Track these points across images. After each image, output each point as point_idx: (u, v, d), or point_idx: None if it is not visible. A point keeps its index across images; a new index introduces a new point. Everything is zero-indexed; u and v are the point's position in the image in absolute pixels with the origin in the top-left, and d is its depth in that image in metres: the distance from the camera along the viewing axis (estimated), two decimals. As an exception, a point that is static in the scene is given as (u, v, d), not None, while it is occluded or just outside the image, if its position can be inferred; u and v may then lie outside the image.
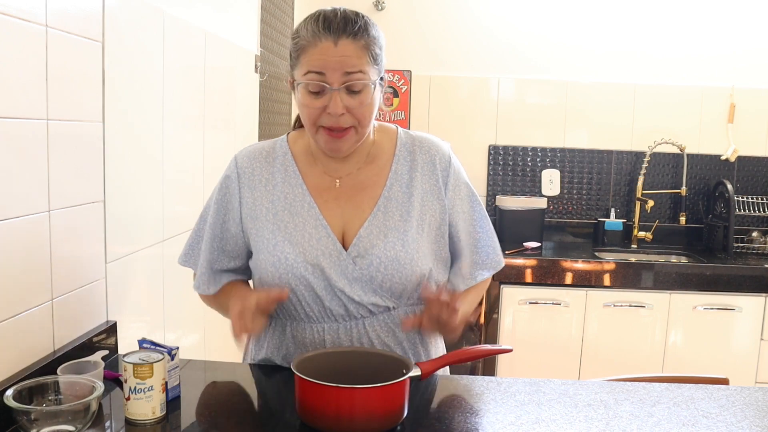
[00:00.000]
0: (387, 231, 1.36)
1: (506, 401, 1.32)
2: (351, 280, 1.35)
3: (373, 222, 1.37)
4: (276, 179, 1.40)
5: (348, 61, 1.25)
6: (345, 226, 1.38)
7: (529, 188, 3.68)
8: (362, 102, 1.28)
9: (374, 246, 1.35)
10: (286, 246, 1.35)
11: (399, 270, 1.35)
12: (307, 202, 1.38)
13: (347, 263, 1.35)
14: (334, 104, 1.26)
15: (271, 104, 2.92)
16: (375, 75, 1.30)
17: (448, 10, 3.60)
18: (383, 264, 1.34)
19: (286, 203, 1.38)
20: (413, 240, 1.36)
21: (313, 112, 1.29)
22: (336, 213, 1.38)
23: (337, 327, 1.38)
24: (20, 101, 1.24)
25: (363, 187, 1.40)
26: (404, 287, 1.37)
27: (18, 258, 1.25)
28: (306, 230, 1.36)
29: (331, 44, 1.25)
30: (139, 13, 1.70)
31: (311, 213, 1.37)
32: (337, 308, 1.37)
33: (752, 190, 3.61)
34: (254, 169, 1.41)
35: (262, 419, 1.28)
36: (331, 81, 1.26)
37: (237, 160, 1.44)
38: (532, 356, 3.11)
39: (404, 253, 1.35)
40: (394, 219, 1.37)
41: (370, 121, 1.33)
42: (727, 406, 1.32)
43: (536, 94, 3.64)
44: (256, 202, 1.39)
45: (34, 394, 1.15)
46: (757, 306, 3.09)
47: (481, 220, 1.47)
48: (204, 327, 2.17)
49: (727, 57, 3.55)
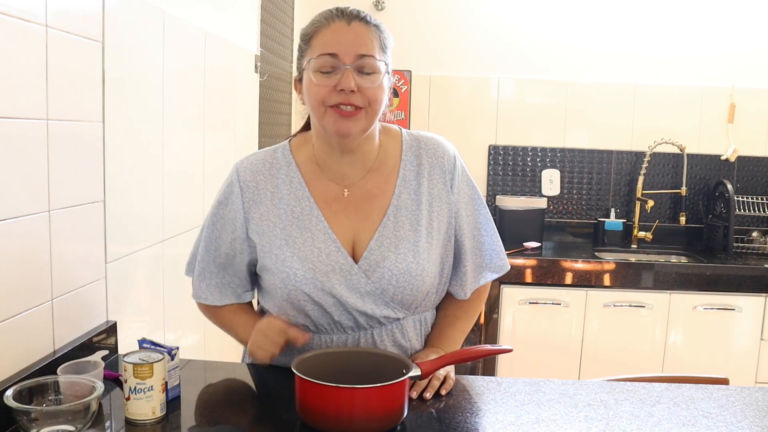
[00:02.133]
0: (398, 242, 1.34)
1: (506, 401, 1.32)
2: (363, 295, 1.34)
3: (383, 233, 1.35)
4: (282, 192, 1.37)
5: (360, 41, 1.26)
6: (355, 238, 1.36)
7: (529, 188, 3.68)
8: (373, 82, 1.27)
9: (385, 258, 1.33)
10: (295, 262, 1.33)
11: (410, 282, 1.34)
12: (315, 216, 1.35)
13: (359, 278, 1.33)
14: (346, 80, 1.24)
15: (271, 104, 2.92)
16: (386, 61, 1.30)
17: (448, 10, 3.60)
18: (395, 277, 1.33)
19: (294, 217, 1.35)
20: (424, 250, 1.35)
21: (322, 91, 1.26)
22: (345, 225, 1.35)
23: (346, 338, 1.38)
24: (20, 101, 1.24)
25: (371, 196, 1.37)
26: (414, 298, 1.37)
27: (18, 258, 1.25)
28: (315, 245, 1.33)
29: (345, 24, 1.27)
30: (139, 13, 1.70)
31: (320, 227, 1.34)
32: (346, 321, 1.36)
33: (752, 190, 3.61)
34: (258, 183, 1.37)
35: (262, 419, 1.28)
36: (344, 59, 1.25)
37: (239, 174, 1.39)
38: (532, 356, 3.11)
39: (415, 264, 1.34)
40: (405, 229, 1.35)
41: (380, 105, 1.30)
42: (727, 406, 1.31)
43: (536, 94, 3.64)
44: (263, 218, 1.36)
45: (34, 394, 1.15)
46: (757, 306, 3.09)
47: (486, 224, 1.46)
48: (204, 327, 2.17)
49: (727, 57, 3.55)
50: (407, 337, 1.41)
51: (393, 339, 1.40)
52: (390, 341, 1.39)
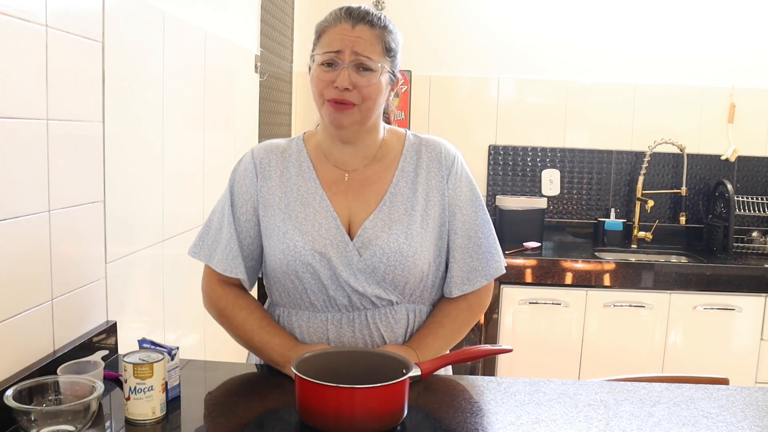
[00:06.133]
0: (391, 223, 1.41)
1: (506, 401, 1.32)
2: (355, 271, 1.39)
3: (379, 215, 1.41)
4: (291, 173, 1.46)
5: (360, 43, 1.35)
6: (352, 218, 1.43)
7: (529, 188, 3.68)
8: (369, 81, 1.35)
9: (378, 237, 1.39)
10: (296, 234, 1.40)
11: (402, 262, 1.38)
12: (318, 195, 1.43)
13: (352, 254, 1.39)
14: (342, 78, 1.34)
15: (271, 104, 2.92)
16: (386, 64, 1.38)
17: (448, 10, 3.60)
18: (386, 255, 1.38)
19: (299, 195, 1.44)
20: (417, 234, 1.40)
21: (321, 84, 1.37)
22: (344, 205, 1.43)
23: (340, 317, 1.41)
24: (20, 101, 1.24)
25: (370, 182, 1.45)
26: (407, 280, 1.40)
27: (18, 258, 1.25)
28: (316, 220, 1.41)
29: (349, 27, 1.36)
30: (139, 13, 1.70)
31: (322, 204, 1.42)
32: (341, 298, 1.40)
33: (752, 190, 3.61)
34: (270, 161, 1.47)
35: (262, 419, 1.28)
36: (343, 58, 1.35)
37: (253, 153, 1.49)
38: (532, 356, 3.11)
39: (407, 245, 1.39)
40: (399, 213, 1.42)
41: (374, 102, 1.38)
42: (727, 406, 1.32)
43: (536, 94, 3.64)
44: (270, 192, 1.45)
45: (34, 394, 1.15)
46: (757, 306, 3.09)
47: (484, 226, 1.48)
48: (204, 327, 2.17)
49: (727, 57, 3.55)
50: (401, 324, 1.43)
51: (387, 323, 1.42)
52: (384, 325, 1.41)
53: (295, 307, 1.45)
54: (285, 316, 1.46)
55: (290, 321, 1.45)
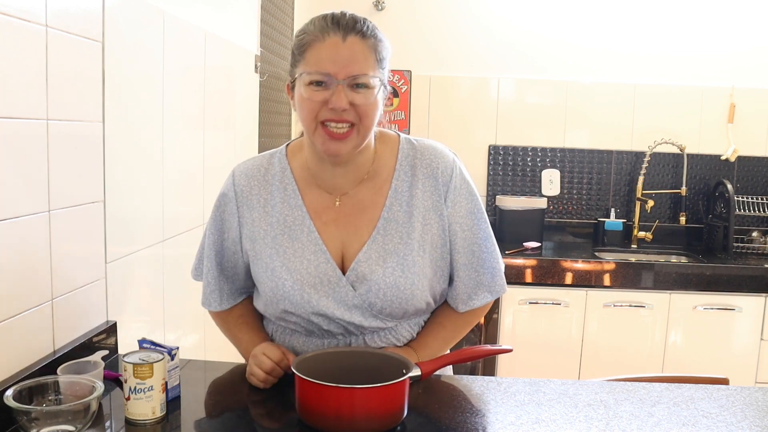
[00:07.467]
0: (386, 255, 1.32)
1: (506, 401, 1.31)
2: (350, 307, 1.33)
3: (372, 246, 1.33)
4: (275, 199, 1.36)
5: (355, 58, 1.22)
6: (344, 250, 1.34)
7: (529, 188, 3.68)
8: (367, 98, 1.24)
9: (373, 272, 1.31)
10: (284, 272, 1.33)
11: (398, 296, 1.32)
12: (306, 226, 1.34)
13: (346, 289, 1.32)
14: (338, 97, 1.21)
15: (271, 104, 2.92)
16: (380, 77, 1.27)
17: (448, 10, 3.60)
18: (382, 290, 1.32)
19: (285, 226, 1.35)
20: (414, 264, 1.32)
21: (314, 106, 1.23)
22: (335, 235, 1.34)
23: (337, 342, 1.39)
24: (20, 101, 1.24)
25: (362, 207, 1.35)
26: (405, 311, 1.36)
27: (18, 258, 1.25)
28: (305, 256, 1.33)
29: (339, 40, 1.22)
30: (139, 13, 1.70)
31: (310, 238, 1.33)
32: (335, 329, 1.37)
33: (752, 190, 3.61)
34: (252, 188, 1.37)
35: (262, 419, 1.28)
36: (337, 76, 1.22)
37: (234, 178, 1.39)
38: (532, 356, 3.11)
39: (404, 278, 1.32)
40: (394, 242, 1.33)
41: (372, 122, 1.27)
42: (727, 406, 1.31)
43: (536, 94, 3.64)
44: (254, 223, 1.36)
45: (34, 394, 1.15)
46: (757, 306, 3.09)
47: (485, 240, 1.39)
48: (204, 327, 2.17)
49: (727, 57, 3.55)
50: (400, 340, 1.41)
51: (387, 342, 1.40)
52: (384, 342, 1.39)
53: (289, 333, 1.41)
54: (279, 334, 1.43)
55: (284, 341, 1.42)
